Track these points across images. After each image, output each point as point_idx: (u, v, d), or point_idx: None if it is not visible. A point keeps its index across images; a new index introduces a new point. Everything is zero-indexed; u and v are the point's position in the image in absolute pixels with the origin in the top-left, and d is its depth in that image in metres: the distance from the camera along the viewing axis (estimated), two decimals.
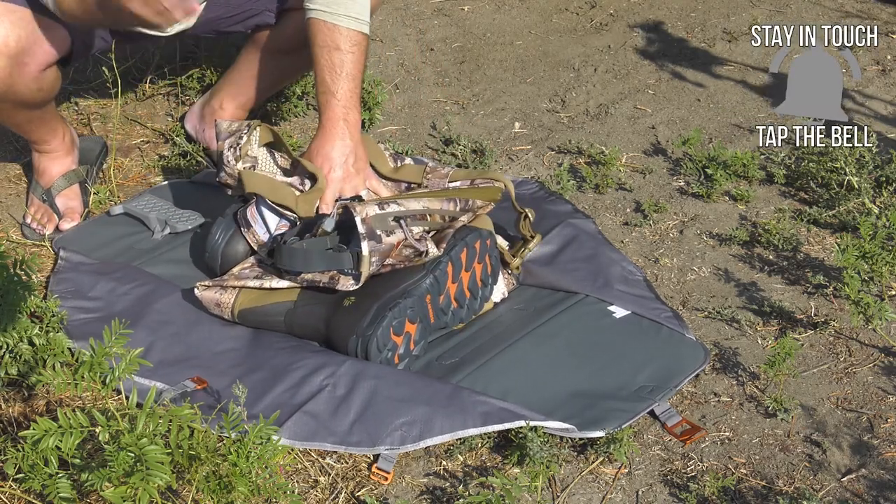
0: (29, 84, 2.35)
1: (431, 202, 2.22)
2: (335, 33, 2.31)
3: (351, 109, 2.33)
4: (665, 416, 2.08)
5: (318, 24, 2.33)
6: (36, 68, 2.33)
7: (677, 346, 2.21)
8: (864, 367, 2.23)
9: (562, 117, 3.11)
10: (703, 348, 2.22)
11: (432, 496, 1.96)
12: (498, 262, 2.34)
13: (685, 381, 2.14)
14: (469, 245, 2.23)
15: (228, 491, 1.69)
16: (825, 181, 2.73)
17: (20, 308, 2.00)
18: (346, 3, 2.31)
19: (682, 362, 2.17)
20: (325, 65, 2.32)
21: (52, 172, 2.64)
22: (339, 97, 2.32)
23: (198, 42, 3.16)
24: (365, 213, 2.12)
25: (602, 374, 2.14)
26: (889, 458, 2.02)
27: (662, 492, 1.96)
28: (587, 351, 2.20)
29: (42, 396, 2.13)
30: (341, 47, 2.31)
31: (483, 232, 2.28)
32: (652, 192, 2.78)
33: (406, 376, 2.10)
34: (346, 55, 2.32)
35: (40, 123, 2.55)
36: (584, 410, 2.04)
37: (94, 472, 1.63)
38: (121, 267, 2.41)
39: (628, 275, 2.38)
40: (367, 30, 2.34)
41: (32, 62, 2.32)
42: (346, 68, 2.32)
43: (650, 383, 2.11)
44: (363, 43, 2.34)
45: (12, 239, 2.59)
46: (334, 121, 2.32)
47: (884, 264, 2.35)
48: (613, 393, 2.09)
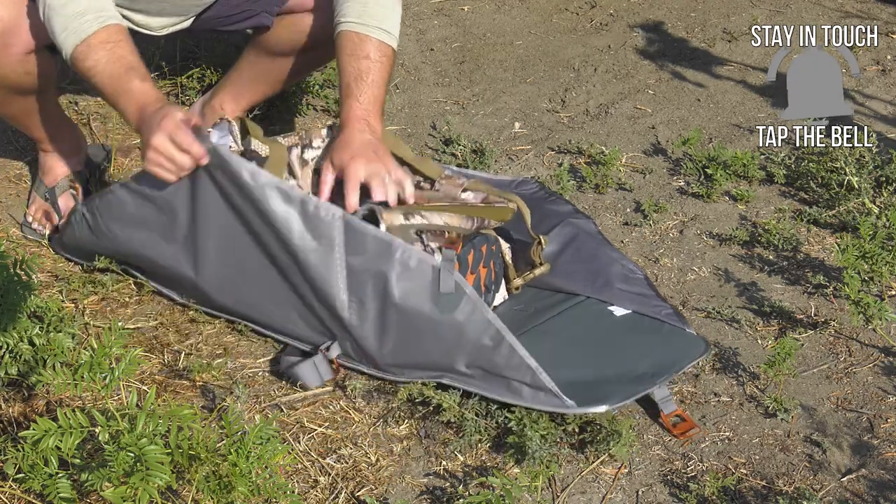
0: (15, 66, 2.34)
1: (452, 218, 2.22)
2: (365, 43, 2.30)
3: (372, 114, 2.28)
4: (663, 402, 2.07)
5: (349, 35, 2.31)
6: (21, 49, 2.32)
7: (678, 340, 2.20)
8: (864, 367, 2.23)
9: (562, 117, 3.11)
10: (704, 341, 2.21)
11: (432, 496, 1.96)
12: (502, 268, 2.34)
13: (687, 367, 2.13)
14: (476, 248, 2.24)
15: (228, 491, 1.69)
16: (825, 181, 2.73)
17: (20, 308, 2.00)
18: (379, 16, 2.32)
19: (684, 352, 2.17)
20: (351, 72, 2.30)
21: (57, 172, 2.64)
22: (362, 101, 2.28)
23: (198, 42, 3.15)
24: (390, 222, 2.13)
25: (602, 364, 2.14)
26: (889, 458, 2.02)
27: (662, 492, 1.96)
28: (587, 346, 2.20)
29: (42, 396, 2.13)
30: (370, 55, 2.30)
31: (490, 237, 2.28)
32: (652, 192, 2.78)
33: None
34: (374, 63, 2.29)
35: (41, 119, 2.54)
36: (584, 392, 2.05)
37: (94, 472, 1.63)
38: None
39: (629, 273, 2.38)
40: (395, 45, 2.33)
41: (18, 43, 2.31)
42: (372, 75, 2.29)
43: (650, 370, 2.11)
44: (391, 56, 2.33)
45: (12, 239, 2.59)
46: (355, 119, 2.27)
47: (884, 264, 2.35)
48: (614, 378, 2.09)
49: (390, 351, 2.12)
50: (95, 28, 2.20)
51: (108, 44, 2.20)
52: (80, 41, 2.19)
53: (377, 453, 2.04)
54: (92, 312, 2.37)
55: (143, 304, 2.41)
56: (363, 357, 2.16)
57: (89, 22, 2.20)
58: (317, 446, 2.06)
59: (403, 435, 2.08)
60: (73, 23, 2.20)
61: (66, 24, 2.20)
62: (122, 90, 2.19)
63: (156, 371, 2.24)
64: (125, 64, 2.20)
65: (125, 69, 2.19)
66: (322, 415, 2.13)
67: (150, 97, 2.17)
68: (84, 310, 2.38)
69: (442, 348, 2.08)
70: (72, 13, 2.20)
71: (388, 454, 2.05)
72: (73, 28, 2.20)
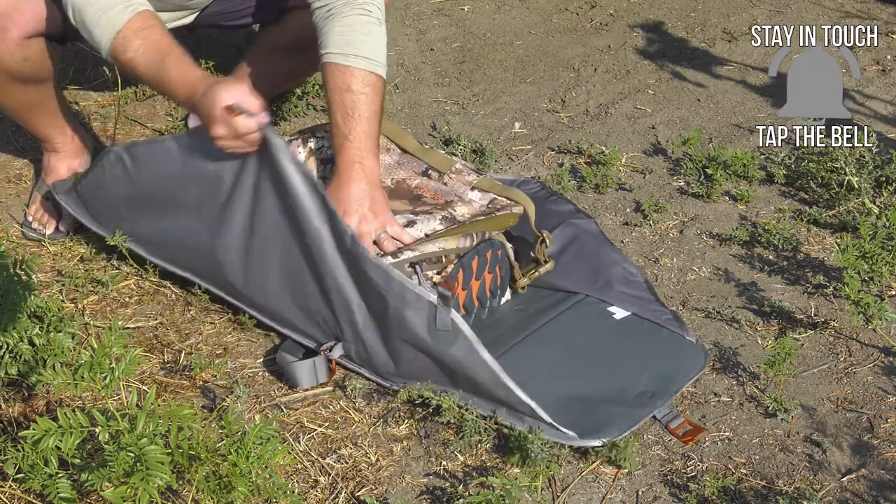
0: (13, 51, 2.33)
1: (447, 242, 2.21)
2: (346, 74, 2.21)
3: (366, 153, 2.22)
4: (667, 418, 2.08)
5: (331, 67, 2.22)
6: (18, 34, 2.32)
7: (677, 349, 2.21)
8: (864, 367, 2.23)
9: (562, 117, 3.11)
10: (703, 350, 2.22)
11: (432, 496, 1.96)
12: (508, 273, 2.34)
13: (686, 385, 2.15)
14: (481, 254, 2.24)
15: (228, 491, 1.69)
16: (825, 181, 2.73)
17: (20, 308, 2.00)
18: (357, 44, 2.23)
19: (682, 366, 2.18)
20: (337, 107, 2.22)
21: (60, 171, 2.63)
22: (353, 140, 2.21)
23: (199, 41, 3.15)
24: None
25: (602, 378, 2.14)
26: (889, 458, 2.02)
27: (662, 492, 1.96)
28: (587, 354, 2.20)
29: (42, 396, 2.13)
30: (353, 88, 2.20)
31: (496, 243, 2.28)
32: (652, 192, 2.78)
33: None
34: (359, 96, 2.21)
35: (44, 115, 2.54)
36: (585, 416, 2.04)
37: (94, 472, 1.63)
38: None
39: (629, 276, 2.38)
40: (381, 71, 2.24)
41: (14, 28, 2.31)
42: (359, 110, 2.21)
43: (650, 388, 2.11)
44: (377, 84, 2.23)
45: (12, 239, 2.59)
46: (349, 164, 2.21)
47: (884, 264, 2.35)
48: (614, 398, 2.09)
49: (394, 362, 2.13)
50: (127, 18, 2.19)
51: (143, 31, 2.19)
52: (115, 34, 2.18)
53: (377, 453, 2.04)
54: (92, 312, 2.38)
55: (143, 304, 2.41)
56: (366, 363, 2.16)
57: (119, 13, 2.19)
58: (317, 446, 2.06)
59: (403, 435, 2.08)
60: (103, 17, 2.19)
61: (97, 19, 2.19)
62: (164, 78, 2.18)
63: (156, 371, 2.24)
64: (162, 50, 2.18)
65: (163, 56, 2.18)
66: (322, 415, 2.13)
67: (194, 78, 2.15)
68: (84, 310, 2.38)
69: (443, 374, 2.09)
70: (100, 8, 2.19)
71: (388, 454, 2.05)
72: (104, 23, 2.19)
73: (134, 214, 2.36)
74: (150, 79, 2.20)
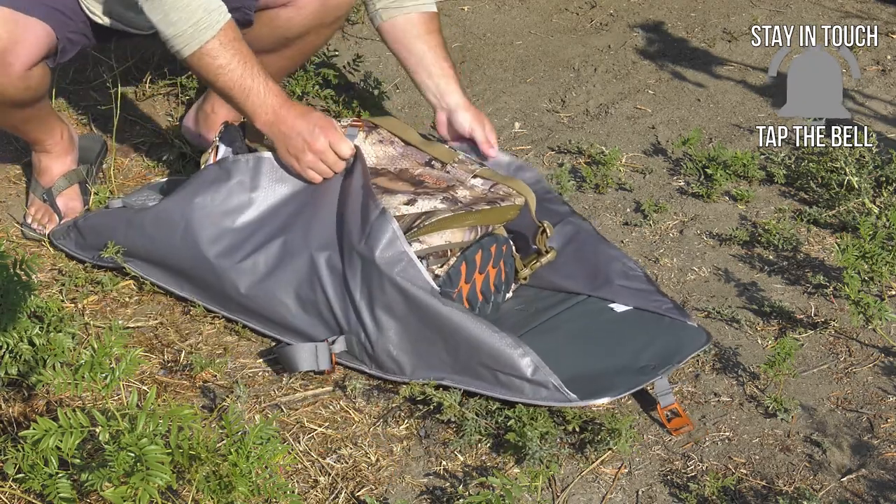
0: (16, 83, 2.33)
1: (454, 234, 2.21)
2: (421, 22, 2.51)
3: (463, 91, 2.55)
4: (662, 394, 2.07)
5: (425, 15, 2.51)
6: (21, 67, 2.31)
7: (679, 332, 2.20)
8: (864, 367, 2.23)
9: (562, 117, 3.11)
10: (705, 332, 2.21)
11: (432, 496, 1.96)
12: (512, 269, 2.34)
13: (689, 358, 2.14)
14: (485, 248, 2.24)
15: (228, 491, 1.69)
16: (825, 181, 2.73)
17: (20, 308, 2.00)
18: None
19: (685, 343, 2.17)
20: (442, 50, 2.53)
21: (52, 172, 2.63)
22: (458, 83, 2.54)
23: None
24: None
25: (604, 357, 2.14)
26: (889, 458, 2.02)
27: (662, 492, 1.96)
28: (589, 340, 2.20)
29: (42, 396, 2.13)
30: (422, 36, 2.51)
31: (500, 237, 2.28)
32: (652, 192, 2.78)
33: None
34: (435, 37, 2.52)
35: (37, 123, 2.54)
36: (587, 384, 2.05)
37: (94, 472, 1.63)
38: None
39: (628, 270, 2.37)
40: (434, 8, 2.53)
41: (17, 62, 2.30)
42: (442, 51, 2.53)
43: (653, 362, 2.11)
44: (438, 19, 2.55)
45: (12, 239, 2.59)
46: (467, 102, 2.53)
47: (884, 264, 2.35)
48: (617, 370, 2.09)
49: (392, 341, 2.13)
50: (224, 22, 2.20)
51: (236, 41, 2.22)
52: (212, 36, 2.19)
53: (377, 453, 2.04)
54: (92, 312, 2.38)
55: (143, 303, 2.41)
56: (365, 353, 2.16)
57: (218, 16, 2.19)
58: (317, 446, 2.06)
59: (403, 435, 2.08)
60: (206, 17, 2.18)
61: (193, 17, 2.18)
62: (250, 91, 2.24)
63: (156, 371, 2.24)
64: (249, 63, 2.24)
65: (250, 70, 2.24)
66: (322, 415, 2.13)
67: (280, 97, 2.26)
68: (84, 310, 2.38)
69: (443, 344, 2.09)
70: (199, 5, 2.18)
71: (388, 454, 2.05)
72: (204, 23, 2.18)
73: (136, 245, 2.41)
74: (233, 89, 2.24)
